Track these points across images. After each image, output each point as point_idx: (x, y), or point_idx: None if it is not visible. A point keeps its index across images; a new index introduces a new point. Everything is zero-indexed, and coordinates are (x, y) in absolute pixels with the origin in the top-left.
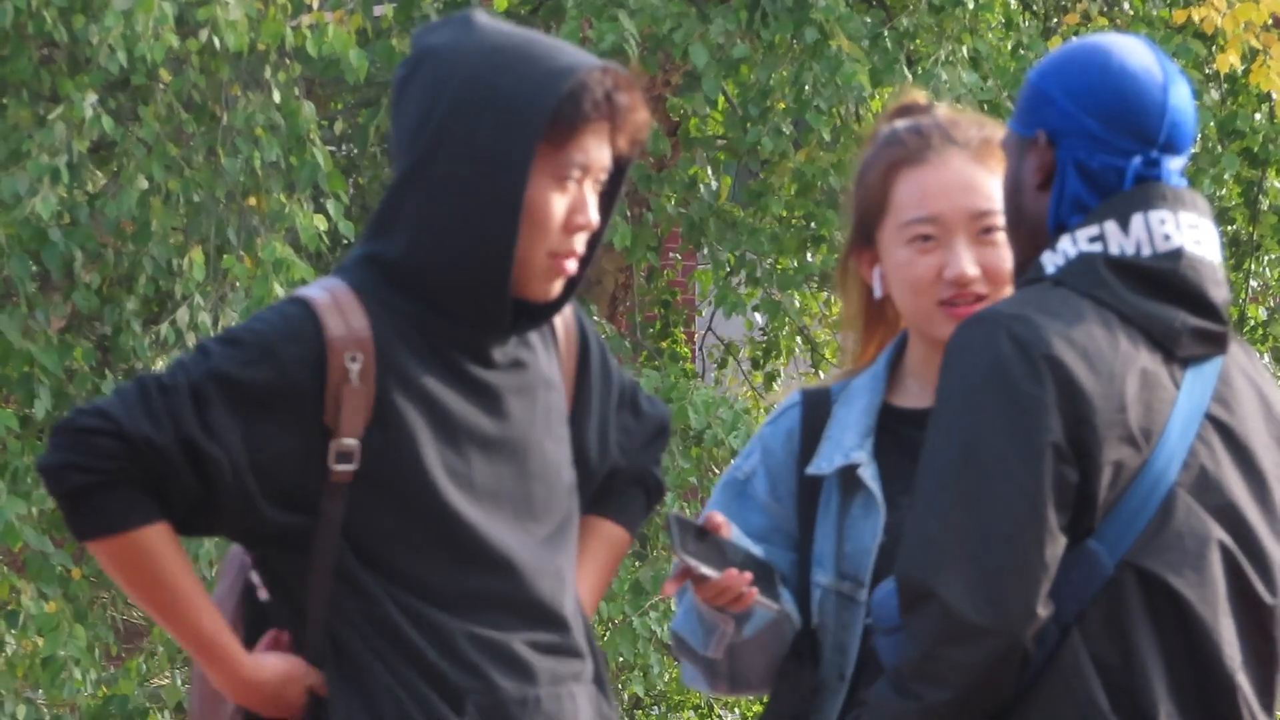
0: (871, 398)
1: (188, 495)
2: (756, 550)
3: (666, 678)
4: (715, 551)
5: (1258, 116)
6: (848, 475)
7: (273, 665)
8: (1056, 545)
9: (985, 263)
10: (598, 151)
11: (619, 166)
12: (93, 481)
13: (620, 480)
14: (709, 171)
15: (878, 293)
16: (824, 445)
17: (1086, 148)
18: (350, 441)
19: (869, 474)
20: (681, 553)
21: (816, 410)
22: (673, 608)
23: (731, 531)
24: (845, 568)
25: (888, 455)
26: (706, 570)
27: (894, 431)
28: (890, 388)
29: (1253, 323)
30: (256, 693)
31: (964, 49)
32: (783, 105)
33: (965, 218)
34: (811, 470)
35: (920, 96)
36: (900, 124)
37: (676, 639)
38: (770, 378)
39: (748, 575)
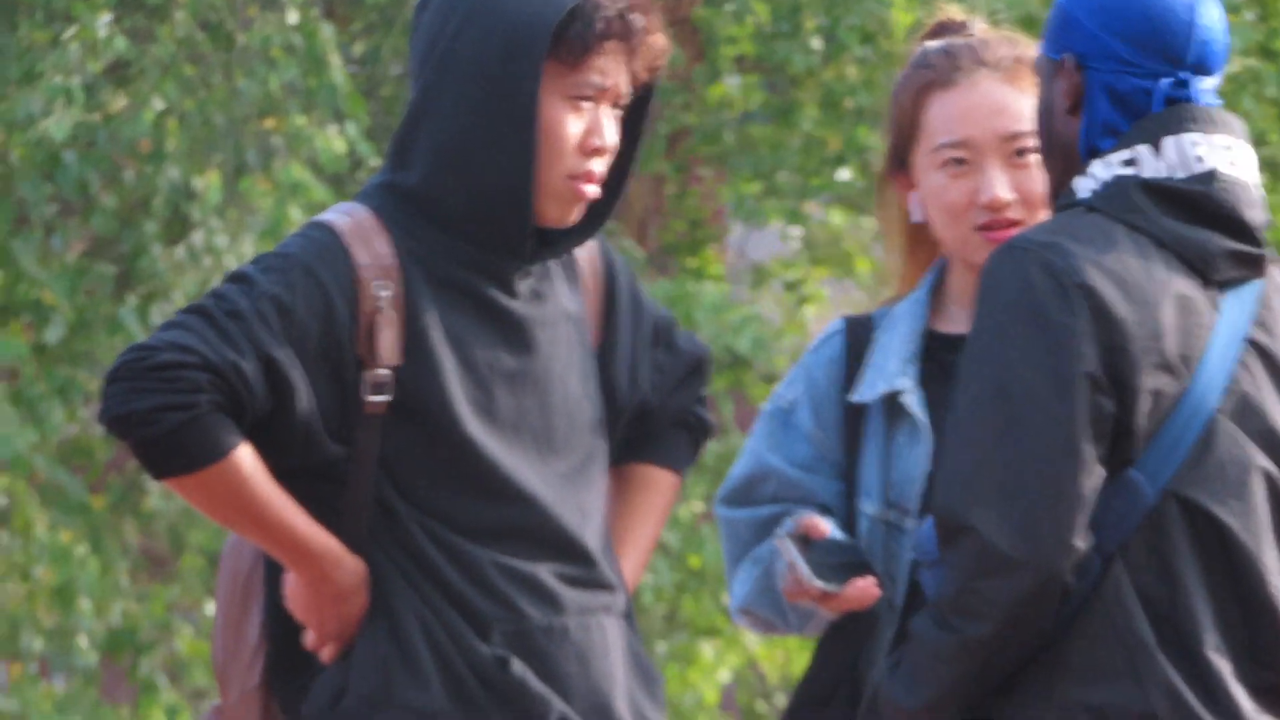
0: (914, 324)
1: (256, 422)
2: (844, 536)
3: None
4: (828, 558)
5: None
6: (892, 402)
7: (362, 567)
8: (1093, 476)
9: (1019, 186)
10: (614, 73)
11: (641, 95)
12: (188, 417)
13: (660, 423)
14: (727, 88)
15: (916, 218)
16: (867, 372)
17: (1114, 70)
18: (384, 372)
19: (913, 401)
20: (815, 582)
21: (859, 337)
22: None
23: (827, 526)
24: (892, 496)
25: (933, 382)
26: (834, 588)
27: (938, 358)
28: (933, 313)
29: None
30: (356, 594)
31: None
32: (812, 24)
33: (996, 140)
34: (856, 398)
35: (956, 13)
36: (932, 45)
37: (750, 615)
38: (804, 300)
39: (870, 582)
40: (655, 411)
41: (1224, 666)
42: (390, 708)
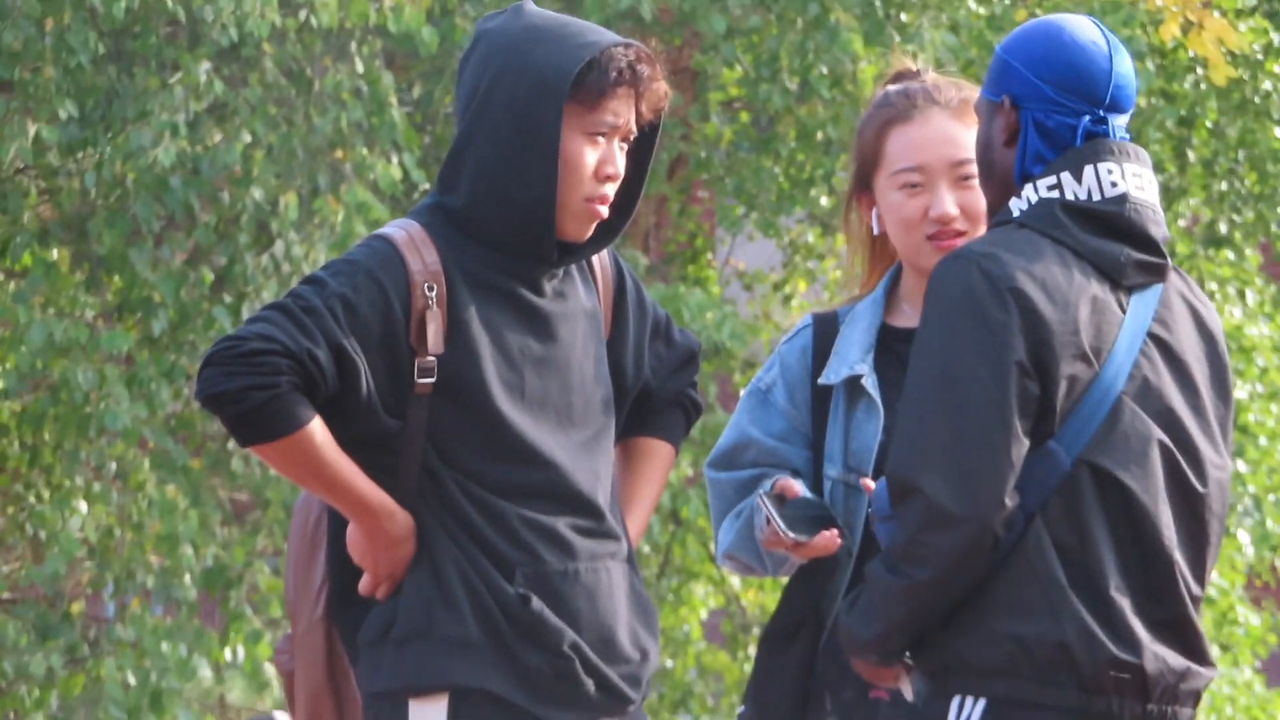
0: (872, 319)
1: (327, 399)
2: (812, 495)
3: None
4: (799, 513)
5: (1187, 84)
6: (853, 384)
7: (410, 521)
8: (1021, 447)
9: (964, 204)
10: (625, 113)
11: (646, 131)
12: (271, 395)
13: (659, 402)
14: (717, 117)
15: (876, 230)
16: (833, 360)
17: (1044, 109)
18: (430, 359)
19: (870, 383)
20: (789, 533)
21: (826, 330)
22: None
23: (799, 487)
24: (852, 462)
25: (886, 367)
26: (804, 539)
27: (892, 348)
28: (888, 310)
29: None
30: (405, 543)
31: (944, 16)
32: (788, 68)
33: (946, 166)
34: (822, 381)
35: (911, 64)
36: (892, 88)
37: (735, 560)
38: (788, 298)
39: (834, 533)
40: (655, 393)
41: (1125, 604)
42: (431, 638)
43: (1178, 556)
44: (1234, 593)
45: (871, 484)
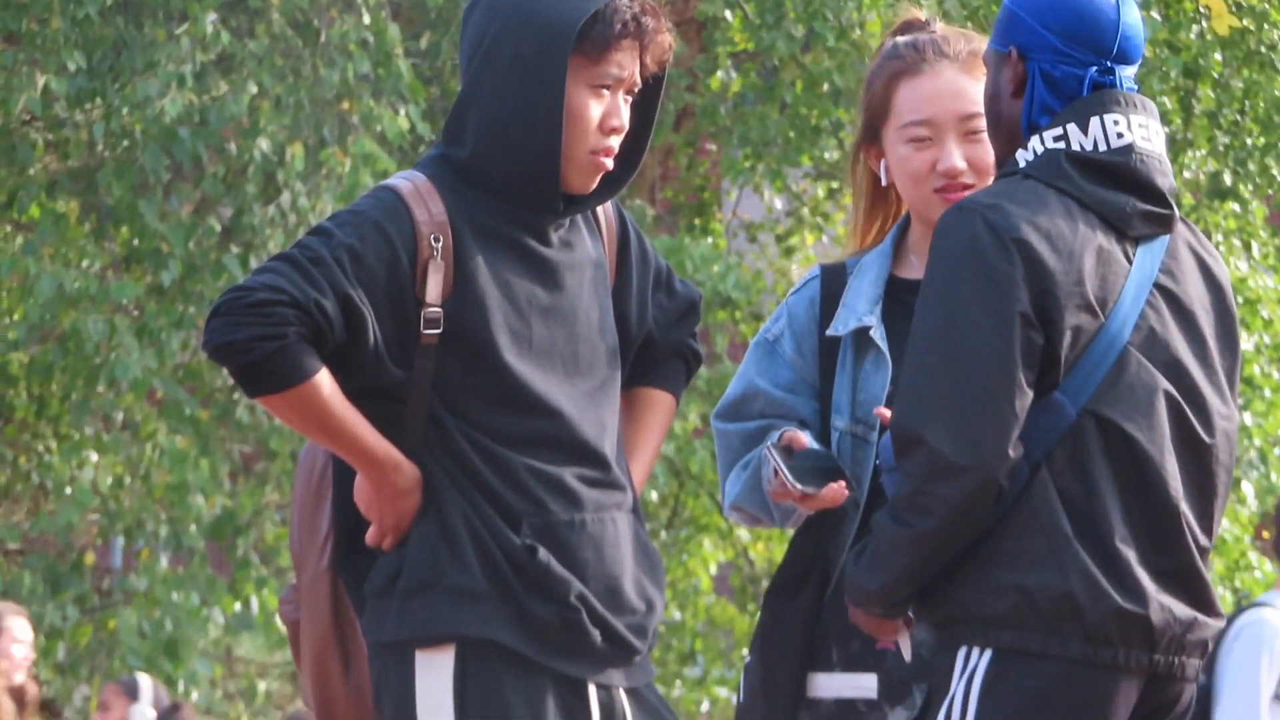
0: (880, 271)
1: (334, 350)
2: (820, 446)
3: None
4: (807, 464)
5: (1192, 35)
6: (861, 336)
7: (416, 472)
8: (1025, 398)
9: (971, 157)
10: (629, 66)
11: (651, 84)
12: (279, 346)
13: (660, 353)
14: (729, 68)
15: (884, 182)
16: (841, 311)
17: (1051, 60)
18: (435, 309)
19: (878, 335)
20: (796, 485)
21: (834, 281)
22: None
23: (807, 439)
24: (859, 413)
25: (893, 318)
26: (812, 490)
27: (899, 298)
28: (896, 262)
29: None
30: (411, 494)
31: None
32: (794, 14)
33: (955, 120)
34: (830, 332)
35: (919, 14)
36: (901, 39)
37: (742, 511)
38: (790, 251)
39: (841, 485)
40: (657, 343)
41: (1130, 554)
42: (438, 588)
43: (1184, 507)
44: (1245, 540)
45: (888, 413)
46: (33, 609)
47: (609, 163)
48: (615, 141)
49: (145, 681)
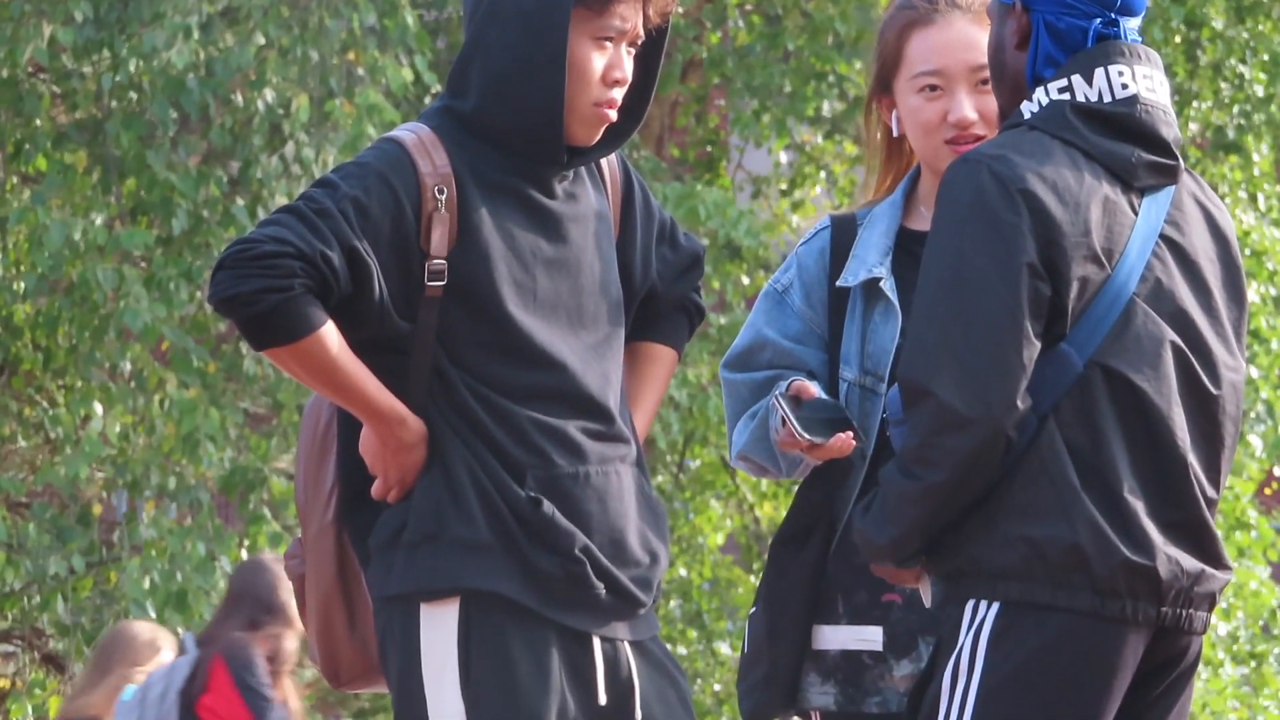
0: (890, 222)
1: (340, 302)
2: (828, 397)
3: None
4: (815, 415)
5: None
6: (870, 287)
7: (422, 426)
8: (1032, 349)
9: (982, 108)
10: (632, 18)
11: (654, 36)
12: (285, 298)
13: (664, 306)
14: (738, 18)
15: (895, 132)
16: (851, 262)
17: (1055, 11)
18: (440, 262)
19: (888, 286)
20: (804, 435)
21: (844, 232)
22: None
23: (815, 389)
24: (868, 365)
25: (903, 270)
26: (820, 440)
27: (909, 250)
28: (906, 213)
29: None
30: (417, 448)
31: None
32: None
33: (966, 70)
34: (840, 283)
35: None
36: None
37: (749, 460)
38: (796, 205)
39: (849, 435)
40: (660, 296)
41: (1138, 506)
42: (443, 540)
43: (1191, 458)
44: (1245, 499)
45: None
46: (38, 562)
47: (612, 114)
48: (618, 94)
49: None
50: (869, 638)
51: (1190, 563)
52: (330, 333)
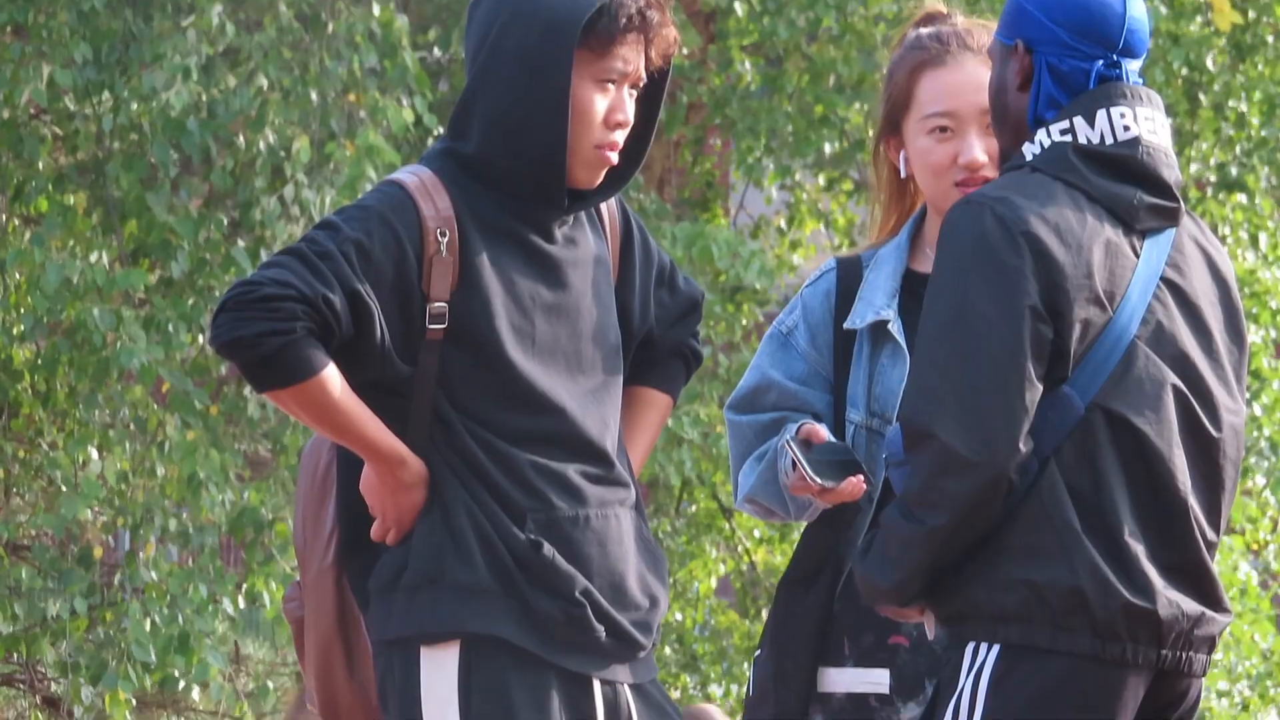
0: (897, 264)
1: (341, 344)
2: (837, 439)
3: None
4: (825, 458)
5: (1194, 26)
6: (877, 329)
7: (423, 467)
8: (1035, 391)
9: (992, 151)
10: (634, 60)
11: (656, 78)
12: (287, 341)
13: (661, 352)
14: (744, 60)
15: (904, 173)
16: (857, 304)
17: (1058, 53)
18: (440, 305)
19: (896, 328)
20: (815, 478)
21: (850, 274)
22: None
23: (824, 432)
24: (875, 407)
25: (910, 312)
26: (831, 484)
27: (915, 292)
28: (912, 255)
29: (1192, 199)
30: (417, 489)
31: None
32: (796, 2)
33: (977, 112)
34: (848, 325)
35: (940, 6)
36: (924, 30)
37: (756, 503)
38: (794, 244)
39: (860, 479)
40: (657, 341)
41: (1139, 549)
42: (443, 584)
43: (1192, 501)
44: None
45: None
46: (36, 604)
47: (614, 157)
48: (620, 136)
49: None
50: (876, 680)
51: (1191, 605)
52: (332, 375)
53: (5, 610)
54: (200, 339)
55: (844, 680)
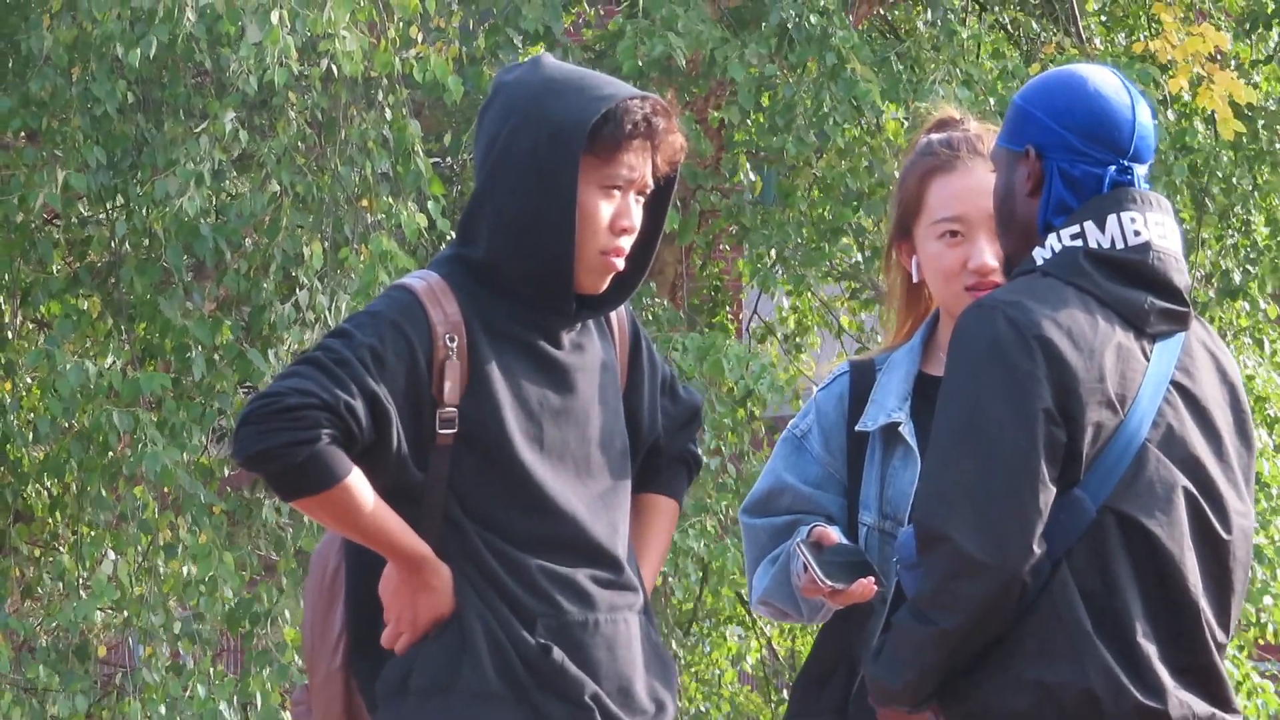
0: (909, 367)
1: (361, 450)
2: (849, 541)
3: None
4: (836, 560)
5: (1200, 134)
6: (890, 432)
7: (449, 573)
8: (1048, 494)
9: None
10: (640, 166)
11: (662, 184)
12: (313, 450)
13: (665, 460)
14: (749, 171)
15: (915, 278)
16: (870, 407)
17: (1069, 159)
18: (450, 409)
19: (908, 431)
20: (826, 580)
21: (863, 378)
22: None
23: (836, 534)
24: (887, 509)
25: (922, 415)
26: (842, 586)
27: (927, 395)
28: (924, 359)
29: (1199, 303)
30: (442, 592)
31: (958, 70)
32: (804, 119)
33: (987, 217)
34: (860, 427)
35: (954, 112)
36: (935, 136)
37: (770, 605)
38: (799, 349)
39: (870, 581)
40: (662, 449)
41: (1151, 650)
42: (454, 690)
43: (1203, 604)
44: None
45: None
46: (46, 707)
47: (619, 263)
48: (626, 242)
49: None
50: None
51: (1201, 707)
52: (359, 480)
53: (24, 708)
54: (205, 442)
55: None
